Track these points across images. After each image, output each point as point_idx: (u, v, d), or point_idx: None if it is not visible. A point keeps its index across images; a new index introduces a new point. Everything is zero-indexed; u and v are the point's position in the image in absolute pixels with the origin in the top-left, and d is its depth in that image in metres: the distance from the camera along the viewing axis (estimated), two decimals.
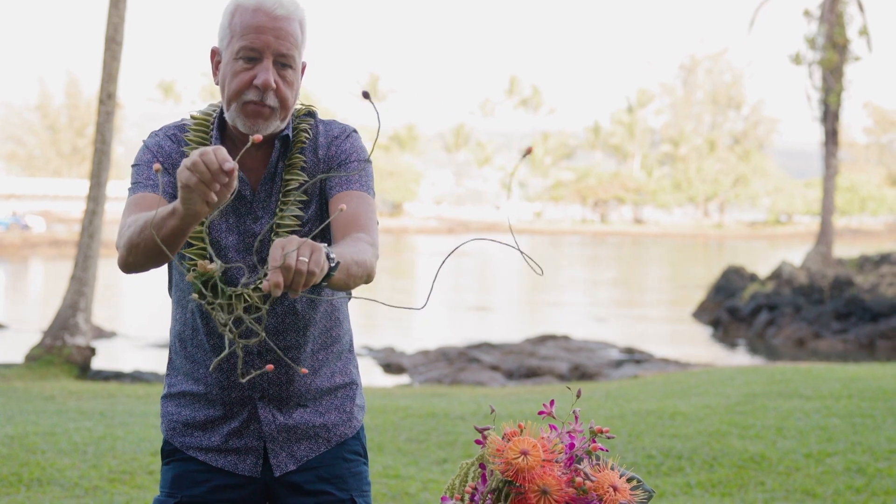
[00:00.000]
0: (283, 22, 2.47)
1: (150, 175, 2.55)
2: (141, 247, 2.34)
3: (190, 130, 2.61)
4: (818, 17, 30.07)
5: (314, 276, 2.08)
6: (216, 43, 2.57)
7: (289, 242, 2.06)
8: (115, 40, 13.67)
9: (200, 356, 2.61)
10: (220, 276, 2.43)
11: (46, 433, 7.62)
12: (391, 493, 6.13)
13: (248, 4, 2.47)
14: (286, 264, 2.04)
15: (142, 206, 2.49)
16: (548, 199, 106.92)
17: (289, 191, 2.57)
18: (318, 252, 2.09)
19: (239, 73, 2.47)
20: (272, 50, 2.46)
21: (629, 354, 18.59)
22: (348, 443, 2.71)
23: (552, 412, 2.12)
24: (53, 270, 39.23)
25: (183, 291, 2.63)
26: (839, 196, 75.26)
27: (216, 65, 2.56)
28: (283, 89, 2.49)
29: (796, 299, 24.30)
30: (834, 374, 11.66)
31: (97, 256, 13.95)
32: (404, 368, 17.18)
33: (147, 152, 2.59)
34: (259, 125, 2.50)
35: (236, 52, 2.47)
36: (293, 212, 2.56)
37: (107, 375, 13.69)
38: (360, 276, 2.35)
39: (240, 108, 2.49)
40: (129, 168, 2.61)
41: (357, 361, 2.81)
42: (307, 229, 2.57)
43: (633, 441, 7.58)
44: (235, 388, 2.58)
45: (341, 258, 2.24)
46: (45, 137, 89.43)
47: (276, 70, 2.48)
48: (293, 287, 2.06)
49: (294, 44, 2.50)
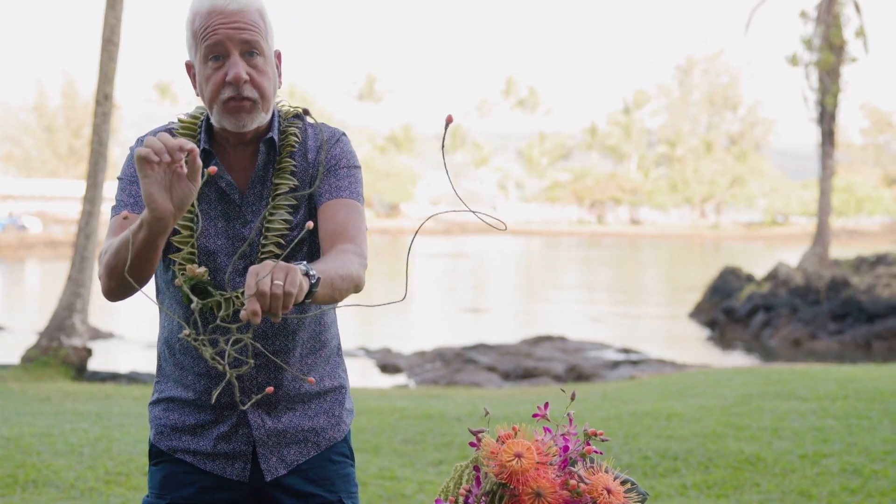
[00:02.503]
0: (239, 14, 2.47)
1: (133, 192, 2.54)
2: (118, 269, 2.31)
3: (178, 134, 2.61)
4: (815, 18, 30.08)
5: (292, 297, 2.06)
6: (188, 57, 2.57)
7: (262, 268, 2.05)
8: (112, 41, 13.66)
9: (189, 362, 2.60)
10: (209, 281, 2.43)
11: (42, 434, 7.62)
12: (387, 495, 6.13)
13: (203, 8, 2.48)
14: (261, 291, 2.02)
15: (123, 227, 2.47)
16: (544, 200, 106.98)
17: (278, 195, 2.57)
18: (293, 273, 2.08)
19: (211, 76, 2.48)
20: (234, 42, 2.46)
21: (625, 355, 18.61)
22: (336, 445, 2.71)
23: (546, 414, 2.13)
24: (50, 271, 39.22)
25: (169, 298, 2.62)
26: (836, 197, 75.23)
27: (193, 77, 2.58)
28: (258, 78, 2.49)
29: (793, 300, 24.31)
30: (830, 375, 11.67)
31: (93, 258, 13.94)
32: (401, 369, 17.19)
33: (133, 163, 2.56)
34: (244, 120, 2.50)
35: (204, 55, 2.48)
36: (282, 216, 2.55)
37: (103, 376, 13.69)
38: (346, 288, 2.35)
39: (221, 108, 2.49)
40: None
41: (345, 365, 2.81)
42: (296, 233, 2.56)
43: (628, 442, 7.59)
44: (225, 393, 2.57)
45: (324, 274, 2.23)
46: (41, 138, 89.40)
47: (245, 61, 2.48)
48: (272, 312, 2.05)
49: (256, 31, 2.49)
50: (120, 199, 2.56)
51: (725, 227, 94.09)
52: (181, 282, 2.38)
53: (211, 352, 2.18)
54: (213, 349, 2.21)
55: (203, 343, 2.19)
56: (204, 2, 2.48)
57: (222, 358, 2.26)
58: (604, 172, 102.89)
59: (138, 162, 2.13)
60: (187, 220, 2.53)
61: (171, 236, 2.52)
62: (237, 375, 2.51)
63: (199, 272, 2.39)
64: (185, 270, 2.42)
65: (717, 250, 65.75)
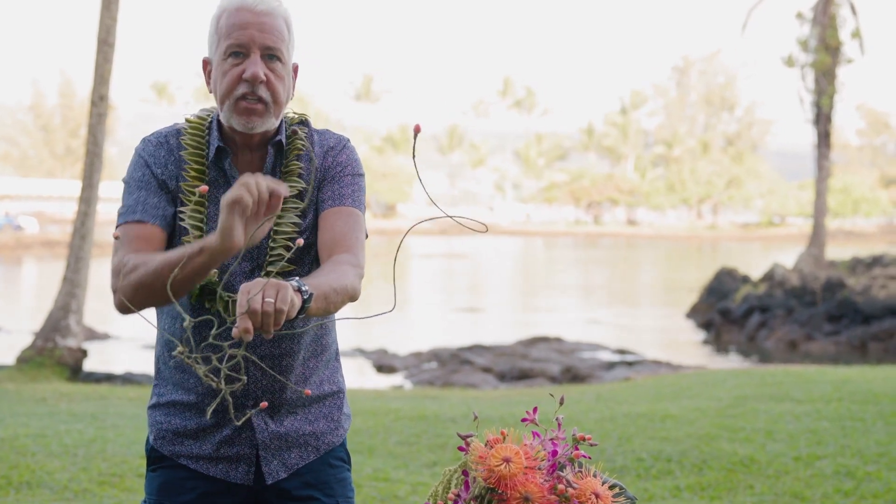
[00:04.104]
0: (267, 17, 2.48)
1: (141, 198, 2.53)
2: (154, 288, 2.34)
3: (186, 133, 2.60)
4: (811, 19, 30.12)
5: (283, 314, 2.07)
6: (206, 53, 2.58)
7: (254, 285, 2.05)
8: (108, 42, 13.65)
9: (189, 365, 2.60)
10: (218, 283, 2.43)
11: (37, 435, 7.61)
12: (381, 497, 6.13)
13: (231, 6, 2.49)
14: (251, 309, 2.03)
15: (143, 239, 2.49)
16: (541, 201, 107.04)
17: (287, 198, 2.56)
18: (284, 290, 2.09)
19: (228, 71, 2.48)
20: (258, 44, 2.47)
21: (621, 356, 18.62)
22: (335, 450, 2.73)
23: (535, 419, 2.13)
24: (46, 271, 39.19)
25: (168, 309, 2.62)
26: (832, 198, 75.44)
27: (208, 74, 2.58)
28: (274, 82, 2.49)
29: (788, 301, 24.33)
30: (825, 377, 11.68)
31: (89, 258, 13.93)
32: (397, 370, 17.21)
33: (141, 164, 2.57)
34: (254, 122, 2.50)
35: (224, 51, 2.48)
36: (292, 219, 2.56)
37: (98, 377, 13.68)
38: (341, 301, 2.36)
39: (233, 106, 2.49)
40: (122, 169, 2.60)
41: (343, 370, 2.82)
42: (305, 237, 2.57)
43: (622, 444, 7.60)
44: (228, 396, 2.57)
45: (317, 288, 2.24)
46: (38, 138, 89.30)
47: (264, 63, 2.48)
48: (264, 329, 2.06)
49: (280, 37, 2.50)
50: (128, 204, 2.55)
51: (722, 228, 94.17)
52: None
53: (204, 369, 2.18)
54: (207, 367, 2.22)
55: (196, 360, 2.19)
56: (233, 0, 2.50)
57: (216, 373, 2.26)
58: (601, 173, 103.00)
59: (228, 202, 2.15)
60: (198, 220, 2.53)
61: (181, 236, 2.53)
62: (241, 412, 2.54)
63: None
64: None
65: (713, 251, 65.80)
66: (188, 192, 2.54)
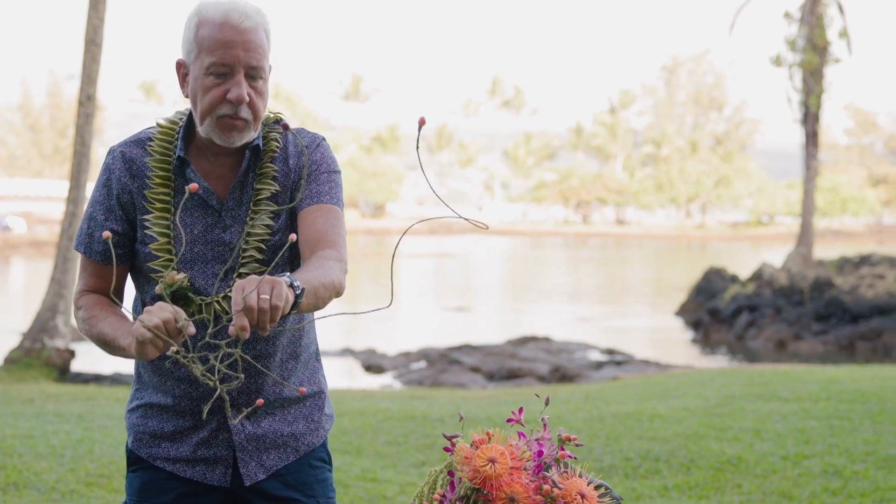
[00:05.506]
0: (251, 34, 2.47)
1: (93, 227, 2.60)
2: (99, 345, 2.52)
3: (154, 140, 2.60)
4: (798, 19, 30.20)
5: (279, 310, 2.09)
6: (181, 55, 2.56)
7: (248, 283, 2.07)
8: (95, 42, 13.61)
9: (167, 367, 2.60)
10: (189, 287, 2.43)
11: (24, 436, 7.58)
12: (368, 497, 6.13)
13: (214, 18, 2.47)
14: (248, 306, 2.05)
15: (93, 274, 2.61)
16: (530, 200, 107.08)
17: (260, 200, 2.57)
18: (279, 286, 2.10)
19: (211, 89, 2.47)
20: (243, 64, 2.46)
21: (610, 356, 18.64)
22: (315, 450, 2.72)
23: (521, 419, 2.13)
24: (34, 272, 39.10)
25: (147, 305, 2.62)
26: (820, 197, 75.65)
27: (183, 77, 2.56)
28: (256, 101, 2.50)
29: (777, 301, 24.39)
30: (812, 377, 11.71)
31: (76, 259, 13.88)
32: (386, 370, 17.20)
33: (102, 180, 2.61)
34: (234, 138, 2.50)
35: (206, 67, 2.46)
36: (264, 221, 2.55)
37: (86, 378, 13.64)
38: (329, 296, 2.37)
39: (214, 123, 2.49)
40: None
41: (324, 370, 2.81)
42: (277, 238, 2.57)
43: (610, 444, 7.60)
44: (205, 398, 2.57)
45: (307, 283, 2.25)
46: (26, 138, 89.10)
47: (247, 83, 2.48)
48: (260, 326, 2.08)
49: (263, 54, 2.50)
50: (82, 227, 2.62)
51: (711, 228, 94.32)
52: (161, 289, 2.37)
53: (201, 369, 2.18)
54: (203, 367, 2.22)
55: (192, 361, 2.19)
56: (216, 11, 2.47)
57: (211, 373, 2.25)
58: (589, 172, 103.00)
59: (136, 337, 2.18)
60: (164, 227, 2.54)
61: (148, 244, 2.54)
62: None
63: (179, 278, 2.38)
64: (165, 277, 2.41)
65: (702, 250, 65.92)
66: (152, 200, 2.55)
